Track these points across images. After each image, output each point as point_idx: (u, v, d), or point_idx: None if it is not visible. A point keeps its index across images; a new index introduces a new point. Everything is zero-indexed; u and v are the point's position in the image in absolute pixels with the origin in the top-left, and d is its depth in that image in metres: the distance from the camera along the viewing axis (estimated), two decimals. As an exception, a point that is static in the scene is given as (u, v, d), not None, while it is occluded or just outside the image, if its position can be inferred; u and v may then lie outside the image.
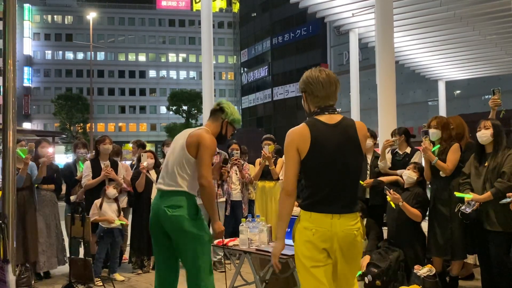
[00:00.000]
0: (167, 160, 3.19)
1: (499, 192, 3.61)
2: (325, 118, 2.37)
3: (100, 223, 4.97)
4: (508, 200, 3.49)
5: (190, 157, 3.04)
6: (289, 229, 3.85)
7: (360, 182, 5.25)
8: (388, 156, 5.25)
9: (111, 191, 5.06)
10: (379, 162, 5.23)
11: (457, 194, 3.90)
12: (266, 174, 5.90)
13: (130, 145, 7.55)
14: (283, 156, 6.58)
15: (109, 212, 5.05)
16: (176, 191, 3.02)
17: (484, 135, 3.80)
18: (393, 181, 4.92)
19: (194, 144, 3.04)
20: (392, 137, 5.35)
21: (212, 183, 3.09)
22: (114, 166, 5.34)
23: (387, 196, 4.47)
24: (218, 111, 3.27)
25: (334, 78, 2.42)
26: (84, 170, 5.29)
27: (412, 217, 4.37)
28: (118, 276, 5.08)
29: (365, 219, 5.05)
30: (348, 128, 2.37)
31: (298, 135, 2.35)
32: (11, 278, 2.22)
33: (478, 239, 3.91)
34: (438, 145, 4.29)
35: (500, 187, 3.61)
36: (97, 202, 5.03)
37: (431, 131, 4.29)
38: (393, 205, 4.45)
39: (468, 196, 3.79)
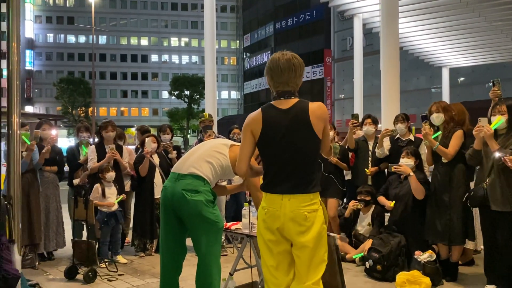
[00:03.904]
0: (195, 150, 3.20)
1: None
2: (279, 103, 2.48)
3: (99, 208, 5.01)
4: None
5: (230, 165, 3.09)
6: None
7: (366, 170, 5.30)
8: (387, 144, 5.26)
9: (110, 174, 5.10)
10: (376, 150, 5.25)
11: (492, 126, 3.68)
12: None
13: (133, 129, 7.51)
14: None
15: (110, 196, 5.10)
16: (196, 176, 3.00)
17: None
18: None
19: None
20: (394, 123, 5.36)
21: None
22: (119, 150, 5.38)
23: (395, 170, 4.50)
24: None
25: (296, 62, 2.46)
26: (89, 154, 5.32)
27: (415, 192, 4.37)
28: (121, 259, 5.13)
29: (374, 205, 5.08)
30: (300, 111, 2.43)
31: (252, 119, 2.52)
32: (17, 258, 2.26)
33: (487, 221, 3.88)
34: (439, 132, 4.28)
35: None
36: (98, 186, 5.07)
37: (434, 115, 4.27)
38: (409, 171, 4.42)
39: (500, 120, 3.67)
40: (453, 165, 4.18)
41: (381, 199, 4.84)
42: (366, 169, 5.33)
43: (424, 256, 4.19)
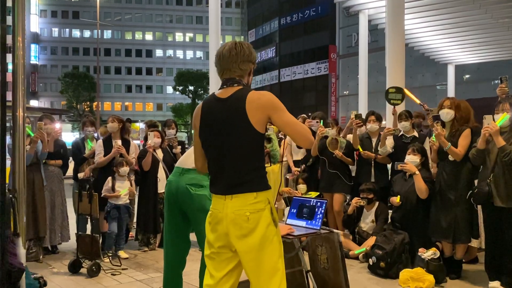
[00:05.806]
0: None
1: None
2: (220, 92, 2.27)
3: (109, 199, 5.05)
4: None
5: None
6: (294, 210, 3.90)
7: (360, 148, 5.29)
8: (389, 141, 5.24)
9: (124, 169, 5.13)
10: (379, 148, 5.23)
11: (498, 123, 3.73)
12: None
13: (137, 124, 7.52)
14: (287, 137, 6.59)
15: (119, 190, 5.13)
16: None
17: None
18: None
19: None
20: (398, 121, 5.33)
21: None
22: (126, 145, 5.40)
23: (401, 168, 4.49)
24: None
25: (238, 46, 2.25)
26: (97, 148, 5.35)
27: (419, 192, 4.36)
28: (122, 254, 5.13)
29: (377, 202, 5.07)
30: (237, 101, 2.17)
31: (195, 113, 2.36)
32: (22, 251, 2.27)
33: (490, 218, 3.88)
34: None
35: None
36: (110, 179, 5.10)
37: (445, 111, 4.22)
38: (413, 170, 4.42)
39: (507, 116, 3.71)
40: (460, 164, 4.16)
41: (391, 200, 4.81)
42: (360, 148, 5.33)
43: (428, 254, 4.18)
